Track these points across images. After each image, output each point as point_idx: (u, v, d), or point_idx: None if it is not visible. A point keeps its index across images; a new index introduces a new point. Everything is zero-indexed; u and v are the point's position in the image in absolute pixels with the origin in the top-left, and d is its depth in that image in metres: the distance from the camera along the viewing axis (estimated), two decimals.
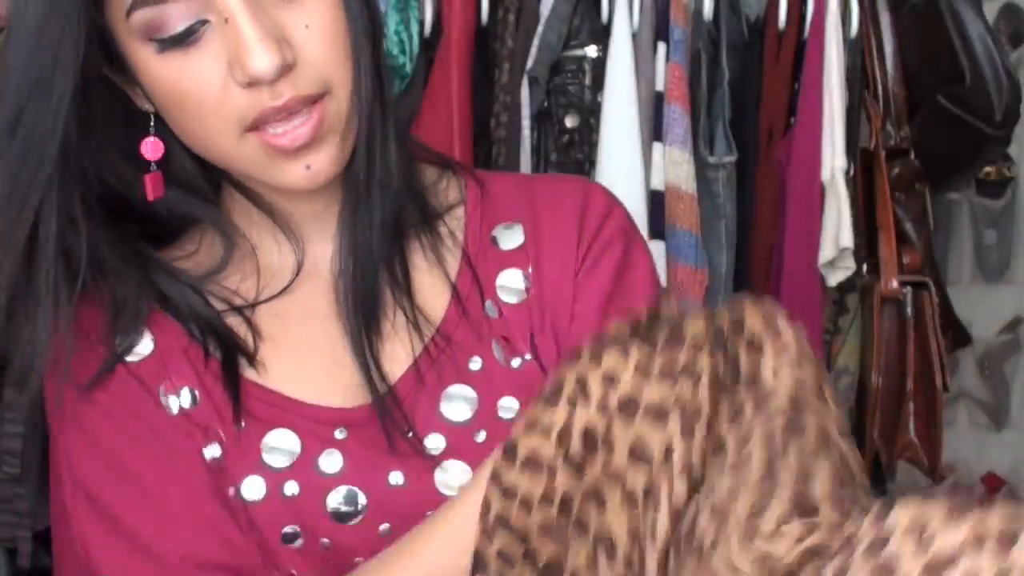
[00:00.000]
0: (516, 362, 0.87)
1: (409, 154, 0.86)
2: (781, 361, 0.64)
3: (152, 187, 0.82)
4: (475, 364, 0.85)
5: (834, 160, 1.75)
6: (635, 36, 1.77)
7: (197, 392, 0.83)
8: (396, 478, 0.83)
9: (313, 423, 0.83)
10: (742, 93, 1.81)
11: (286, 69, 0.74)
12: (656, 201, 1.74)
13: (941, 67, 1.84)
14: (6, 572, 2.34)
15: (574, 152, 1.76)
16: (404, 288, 0.86)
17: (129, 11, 0.74)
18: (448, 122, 1.76)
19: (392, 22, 1.73)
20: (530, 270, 0.88)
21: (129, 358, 0.83)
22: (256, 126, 0.76)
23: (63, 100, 0.76)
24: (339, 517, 0.82)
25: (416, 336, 0.85)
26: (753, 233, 1.82)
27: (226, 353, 0.84)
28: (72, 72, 0.75)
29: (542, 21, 1.76)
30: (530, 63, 1.75)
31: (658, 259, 1.72)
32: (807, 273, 1.77)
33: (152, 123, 0.82)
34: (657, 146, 1.75)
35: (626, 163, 1.73)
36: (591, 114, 1.76)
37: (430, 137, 1.66)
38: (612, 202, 0.90)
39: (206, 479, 0.82)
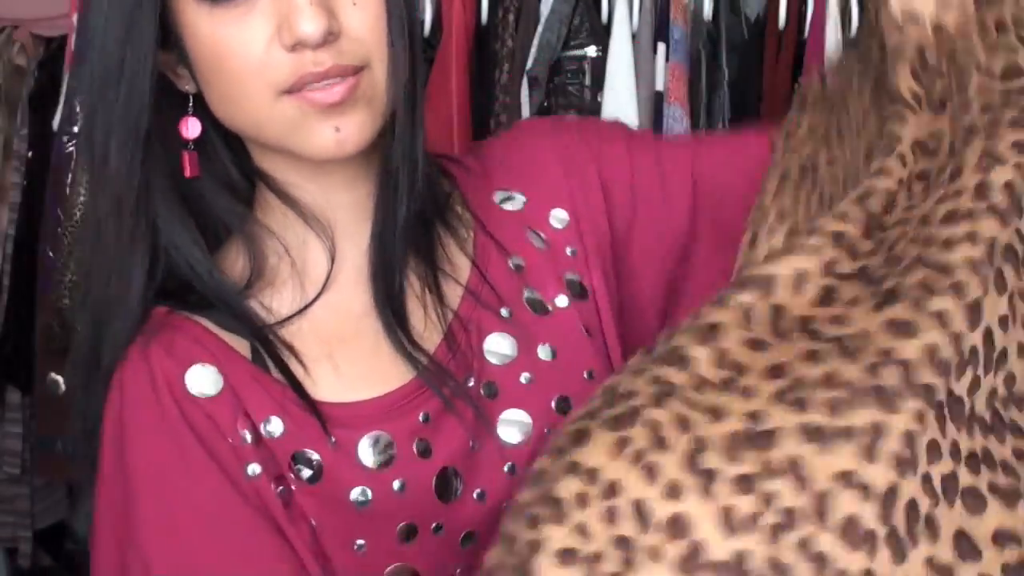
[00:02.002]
0: (549, 308, 0.91)
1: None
2: None
3: (189, 165, 0.85)
4: (505, 312, 0.89)
5: None
6: (635, 36, 1.77)
7: (282, 420, 0.84)
8: (470, 443, 0.86)
9: (396, 415, 0.85)
10: (742, 93, 1.81)
11: (331, 37, 0.78)
12: None
13: None
14: (6, 572, 2.34)
15: None
16: (431, 271, 0.89)
17: None
18: (448, 122, 1.76)
19: None
20: (542, 229, 0.92)
21: (197, 394, 0.84)
22: (293, 89, 0.79)
23: (150, 48, 0.80)
24: (444, 496, 0.85)
25: (446, 309, 0.88)
26: None
27: (291, 378, 0.85)
28: (154, 20, 0.79)
29: (542, 21, 1.76)
30: (530, 63, 1.75)
31: None
32: None
33: (191, 104, 0.85)
34: None
35: None
36: (591, 114, 1.76)
37: (430, 137, 1.65)
38: (534, 121, 0.97)
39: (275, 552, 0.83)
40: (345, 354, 0.87)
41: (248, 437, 0.84)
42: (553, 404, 0.88)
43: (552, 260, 0.92)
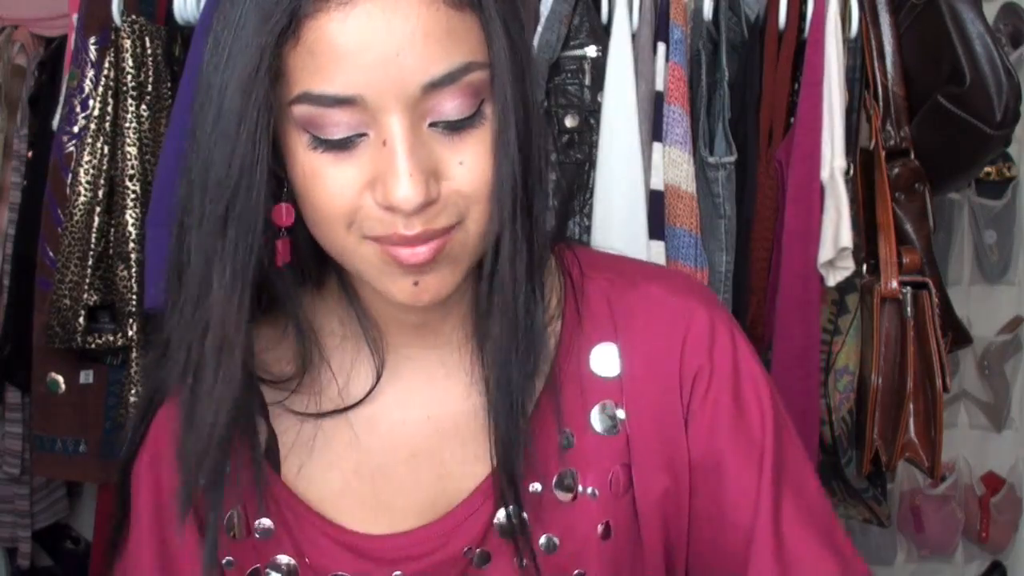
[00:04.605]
0: (576, 495, 0.86)
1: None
2: None
3: (283, 252, 0.81)
4: (534, 488, 0.86)
5: (833, 160, 1.75)
6: (635, 36, 1.77)
7: (274, 523, 0.87)
8: None
9: (379, 561, 0.85)
10: (742, 93, 1.80)
11: (426, 205, 0.73)
12: (656, 201, 1.74)
13: (941, 67, 1.83)
14: (6, 572, 2.34)
15: (574, 152, 1.76)
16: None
17: (292, 102, 0.73)
18: None
19: None
20: (624, 409, 0.87)
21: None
22: (379, 240, 0.75)
23: (263, 182, 0.75)
24: None
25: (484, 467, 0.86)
26: (753, 233, 1.82)
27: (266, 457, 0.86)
28: (267, 153, 0.74)
29: (542, 21, 1.75)
30: None
31: (658, 259, 1.72)
32: (806, 273, 1.77)
33: (285, 188, 0.80)
34: (657, 146, 1.75)
35: (626, 163, 1.73)
36: (591, 114, 1.76)
37: None
38: (713, 325, 0.87)
39: None
40: (366, 476, 0.87)
41: (235, 533, 0.87)
42: None
43: (608, 447, 0.87)
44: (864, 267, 1.86)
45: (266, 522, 0.86)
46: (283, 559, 0.86)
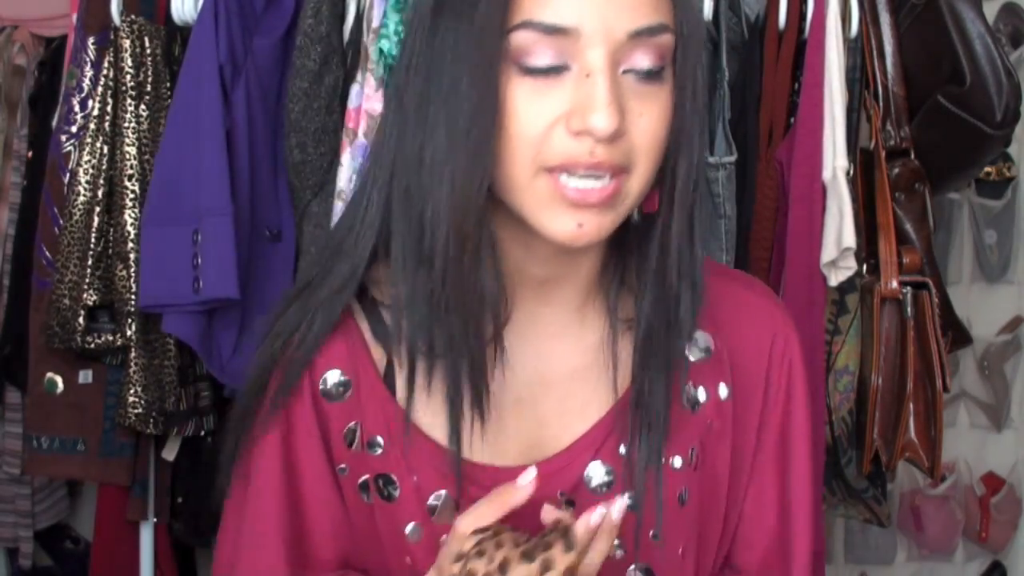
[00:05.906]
0: (660, 464, 0.94)
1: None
2: None
3: None
4: (623, 449, 0.94)
5: (835, 160, 1.75)
6: None
7: (384, 441, 0.94)
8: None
9: (471, 484, 0.92)
10: (742, 93, 1.80)
11: (615, 137, 0.81)
12: None
13: (941, 67, 1.83)
14: (6, 572, 2.34)
15: None
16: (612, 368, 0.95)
17: (512, 28, 0.81)
18: None
19: (392, 22, 1.73)
20: (706, 391, 0.96)
21: (324, 393, 0.94)
22: (554, 169, 0.83)
23: (495, 104, 0.82)
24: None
25: (601, 408, 0.95)
26: (753, 233, 1.82)
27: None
28: (497, 74, 0.81)
29: None
30: None
31: None
32: (809, 273, 1.77)
33: None
34: None
35: None
36: None
37: None
38: (791, 334, 1.00)
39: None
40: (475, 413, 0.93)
41: (350, 446, 0.94)
42: None
43: (690, 423, 0.96)
44: (864, 267, 1.86)
45: (379, 438, 0.93)
46: (392, 473, 0.93)
